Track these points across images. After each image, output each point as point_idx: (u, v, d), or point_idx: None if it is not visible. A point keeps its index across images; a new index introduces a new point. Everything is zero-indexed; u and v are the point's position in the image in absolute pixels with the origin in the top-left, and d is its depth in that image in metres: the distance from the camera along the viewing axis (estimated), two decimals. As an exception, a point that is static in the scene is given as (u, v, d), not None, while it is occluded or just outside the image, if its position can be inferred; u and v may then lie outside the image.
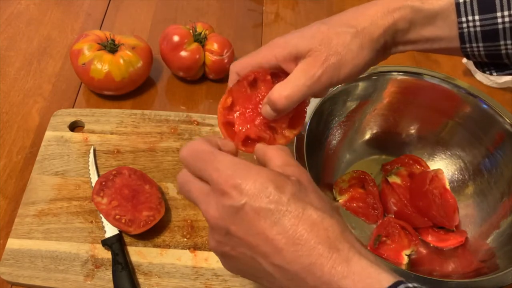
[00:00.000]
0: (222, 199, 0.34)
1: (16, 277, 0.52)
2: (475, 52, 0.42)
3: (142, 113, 0.66)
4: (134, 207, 0.55)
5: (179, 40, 0.69)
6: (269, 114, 0.42)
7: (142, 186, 0.57)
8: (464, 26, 0.40)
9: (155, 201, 0.56)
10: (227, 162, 0.35)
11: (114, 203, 0.55)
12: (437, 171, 0.61)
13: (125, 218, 0.54)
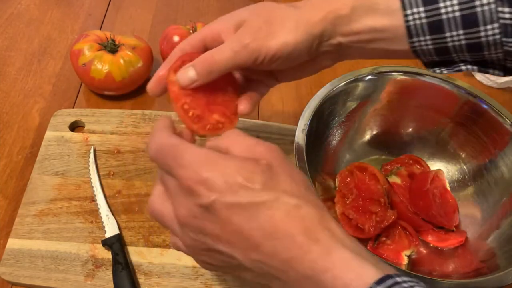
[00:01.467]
0: (191, 198, 0.32)
1: (16, 277, 0.52)
2: (424, 47, 0.41)
3: (143, 113, 0.66)
4: (207, 105, 0.46)
5: (179, 40, 0.69)
6: (188, 77, 0.41)
7: (225, 87, 0.47)
8: (410, 18, 0.40)
9: (231, 109, 0.47)
10: (192, 156, 0.33)
11: (188, 90, 0.45)
12: (438, 171, 0.61)
13: (194, 111, 0.46)
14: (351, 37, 0.43)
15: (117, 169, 0.61)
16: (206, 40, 0.44)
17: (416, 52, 0.42)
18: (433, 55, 0.42)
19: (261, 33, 0.41)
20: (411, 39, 0.41)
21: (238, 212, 0.31)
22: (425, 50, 0.42)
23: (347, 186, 0.59)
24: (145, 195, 0.59)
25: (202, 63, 0.41)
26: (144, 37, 0.77)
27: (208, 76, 0.42)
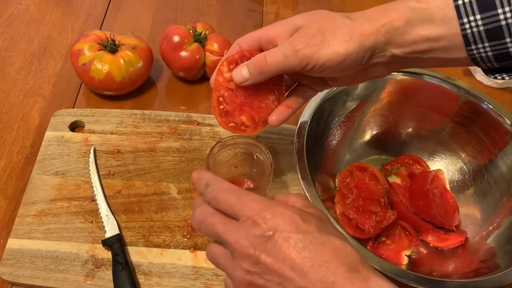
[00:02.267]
0: (253, 229, 0.36)
1: (16, 277, 0.52)
2: (483, 54, 0.41)
3: (142, 113, 0.66)
4: (240, 105, 0.48)
5: (179, 40, 0.69)
6: (242, 75, 0.45)
7: (268, 93, 0.49)
8: (466, 27, 0.40)
9: (262, 116, 0.49)
10: (257, 199, 0.38)
11: (231, 84, 0.48)
12: (438, 171, 0.61)
13: (226, 106, 0.48)
14: (405, 48, 0.43)
15: (117, 169, 0.61)
16: (261, 41, 0.46)
17: (475, 59, 0.42)
18: (493, 62, 0.42)
19: (314, 41, 0.42)
20: (469, 46, 0.41)
21: (293, 243, 0.35)
22: (484, 57, 0.41)
23: (347, 186, 0.59)
24: (145, 195, 0.59)
25: (254, 64, 0.44)
26: (144, 37, 0.77)
27: (259, 77, 0.45)
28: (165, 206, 0.58)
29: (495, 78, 0.43)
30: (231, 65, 0.47)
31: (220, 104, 0.47)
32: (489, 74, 0.44)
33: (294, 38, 0.43)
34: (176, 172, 0.61)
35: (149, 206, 0.58)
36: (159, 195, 0.59)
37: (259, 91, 0.47)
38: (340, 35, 0.42)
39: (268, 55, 0.44)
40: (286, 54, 0.43)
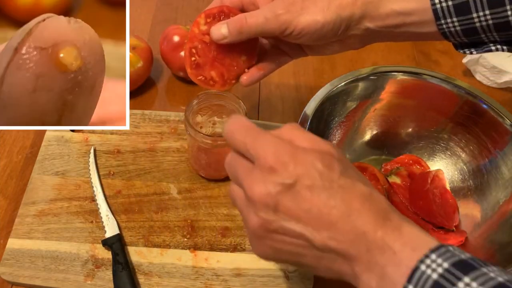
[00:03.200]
0: (270, 176, 0.34)
1: (16, 277, 0.52)
2: (451, 29, 0.43)
3: (142, 113, 0.67)
4: (213, 60, 0.49)
5: (179, 40, 0.69)
6: (220, 32, 0.46)
7: (241, 53, 0.49)
8: (436, 1, 0.42)
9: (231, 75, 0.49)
10: (273, 141, 0.35)
11: (206, 38, 0.48)
12: (438, 171, 0.61)
13: (197, 58, 0.48)
14: (379, 22, 0.45)
15: (117, 169, 0.61)
16: (244, 1, 0.48)
17: (445, 34, 0.44)
18: (462, 36, 0.43)
19: (294, 7, 0.44)
20: (438, 21, 0.43)
21: (318, 193, 0.33)
22: (453, 31, 0.43)
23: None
24: (145, 195, 0.59)
25: (234, 23, 0.45)
26: (144, 37, 0.77)
27: (237, 36, 0.46)
28: (165, 206, 0.58)
29: (465, 52, 0.46)
30: (208, 18, 0.47)
31: (192, 56, 0.48)
32: (459, 49, 0.46)
33: (275, 3, 0.45)
34: (176, 172, 0.61)
35: (149, 206, 0.58)
36: (159, 195, 0.59)
37: (232, 50, 0.48)
38: (320, 4, 0.44)
39: (249, 17, 0.45)
40: (267, 17, 0.44)
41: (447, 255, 0.31)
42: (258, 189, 0.34)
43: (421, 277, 0.31)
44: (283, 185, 0.34)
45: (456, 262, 0.31)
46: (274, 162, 0.34)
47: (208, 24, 0.47)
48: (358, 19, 0.45)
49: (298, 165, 0.34)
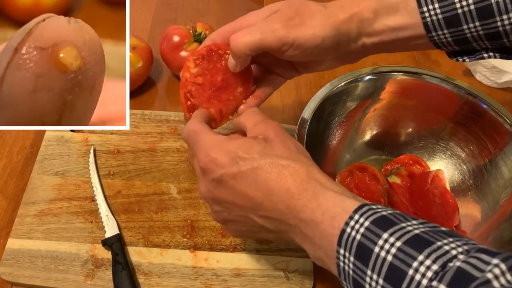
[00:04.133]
0: (206, 175, 0.40)
1: (16, 277, 0.52)
2: (443, 40, 0.43)
3: (142, 113, 0.66)
4: (208, 98, 0.48)
5: (179, 40, 0.69)
6: (231, 65, 0.46)
7: (237, 85, 0.49)
8: (426, 15, 0.42)
9: (229, 109, 0.49)
10: (205, 141, 0.40)
11: (198, 79, 0.48)
12: (438, 171, 0.61)
13: (193, 101, 0.48)
14: (374, 37, 0.45)
15: (117, 169, 0.61)
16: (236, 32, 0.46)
17: (436, 44, 0.44)
18: (454, 46, 0.44)
19: (292, 22, 0.43)
20: (430, 34, 0.43)
21: (241, 180, 0.38)
22: (445, 42, 0.44)
23: (347, 186, 0.59)
24: (145, 195, 0.59)
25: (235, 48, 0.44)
26: (144, 37, 0.77)
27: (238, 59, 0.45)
28: (165, 206, 0.58)
29: (457, 60, 0.46)
30: (197, 60, 0.47)
31: (188, 100, 0.48)
32: (452, 57, 0.47)
33: (272, 19, 0.44)
34: (176, 172, 0.61)
35: (149, 206, 0.58)
36: (159, 195, 0.59)
37: (228, 83, 0.48)
38: (318, 19, 0.43)
39: (245, 35, 0.43)
40: (263, 32, 0.42)
41: (368, 213, 0.34)
42: (202, 189, 0.41)
43: (348, 239, 0.33)
44: (214, 180, 0.39)
45: (377, 219, 0.33)
46: (204, 163, 0.39)
47: (199, 66, 0.47)
48: (355, 35, 0.44)
49: (222, 159, 0.38)
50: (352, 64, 0.78)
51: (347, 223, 0.34)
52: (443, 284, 0.28)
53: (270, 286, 0.52)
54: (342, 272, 0.34)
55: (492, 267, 0.27)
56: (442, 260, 0.29)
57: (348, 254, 0.33)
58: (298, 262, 0.54)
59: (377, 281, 0.31)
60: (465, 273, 0.28)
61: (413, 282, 0.29)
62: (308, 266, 0.53)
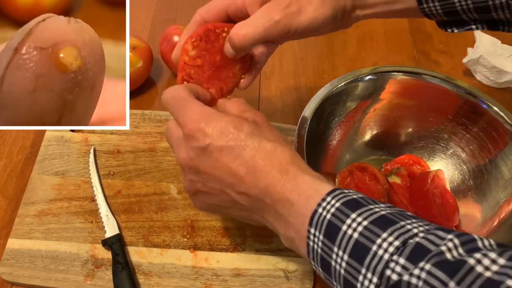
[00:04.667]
0: (189, 142, 0.39)
1: (16, 277, 0.52)
2: (433, 11, 0.46)
3: (142, 113, 0.66)
4: (208, 79, 0.48)
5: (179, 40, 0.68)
6: (229, 52, 0.45)
7: (234, 64, 0.48)
8: None
9: (229, 86, 0.49)
10: (195, 109, 0.40)
11: (197, 61, 0.47)
12: (438, 171, 0.61)
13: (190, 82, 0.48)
14: (367, 10, 0.47)
15: (117, 169, 0.61)
16: (229, 10, 0.46)
17: (427, 15, 0.47)
18: (443, 17, 0.47)
19: (290, 9, 0.43)
20: (421, 5, 0.46)
21: (227, 152, 0.38)
22: (435, 13, 0.46)
23: (347, 186, 0.59)
24: (145, 195, 0.59)
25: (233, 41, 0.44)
26: (144, 37, 0.77)
27: (243, 52, 0.45)
28: (165, 206, 0.58)
29: (446, 30, 0.49)
30: (195, 42, 0.46)
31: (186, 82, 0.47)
32: (441, 27, 0.49)
33: (270, 8, 0.44)
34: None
35: (149, 206, 0.58)
36: (159, 195, 0.59)
37: (226, 61, 0.47)
38: (315, 2, 0.44)
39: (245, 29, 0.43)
40: (264, 25, 0.43)
41: (340, 196, 0.35)
42: (181, 155, 0.41)
43: (319, 219, 0.35)
44: (198, 148, 0.39)
45: (347, 202, 0.35)
46: (191, 129, 0.39)
47: (197, 48, 0.46)
48: (350, 9, 0.46)
49: (211, 129, 0.38)
50: (352, 64, 0.79)
51: (319, 204, 0.35)
52: (402, 258, 0.30)
53: (270, 286, 0.52)
54: (311, 251, 0.36)
55: (447, 241, 0.30)
56: (404, 237, 0.31)
57: (318, 233, 0.35)
58: (298, 262, 0.54)
59: (342, 257, 0.33)
60: (422, 247, 0.30)
61: (376, 257, 0.31)
62: (308, 266, 0.53)
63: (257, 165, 0.38)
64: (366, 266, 0.31)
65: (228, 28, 0.46)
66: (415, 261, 0.29)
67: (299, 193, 0.37)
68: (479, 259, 0.27)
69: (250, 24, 0.43)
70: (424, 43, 0.81)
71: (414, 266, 0.29)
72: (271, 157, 0.38)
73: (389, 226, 0.32)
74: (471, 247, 0.29)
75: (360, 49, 0.80)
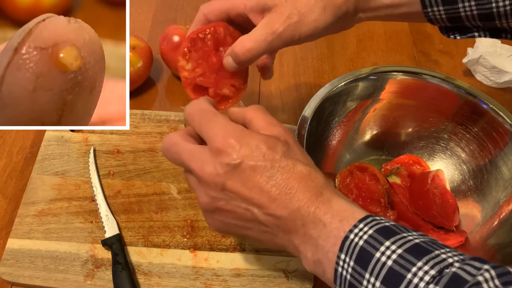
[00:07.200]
0: (219, 157, 0.38)
1: (16, 277, 0.52)
2: (437, 15, 0.46)
3: (142, 113, 0.66)
4: (217, 80, 0.48)
5: (179, 40, 0.69)
6: (230, 66, 0.46)
7: None
8: None
9: (242, 78, 0.49)
10: (224, 124, 0.39)
11: (198, 71, 0.47)
12: (438, 171, 0.61)
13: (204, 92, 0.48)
14: (370, 13, 0.47)
15: (117, 169, 0.61)
16: (231, 13, 0.47)
17: (430, 20, 0.47)
18: (446, 22, 0.47)
19: (292, 20, 0.44)
20: (425, 9, 0.45)
21: (261, 172, 0.37)
22: (438, 18, 0.46)
23: (347, 186, 0.59)
24: (145, 195, 0.59)
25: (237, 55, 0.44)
26: (144, 37, 0.77)
27: (247, 64, 0.46)
28: (165, 206, 0.58)
29: (449, 36, 0.49)
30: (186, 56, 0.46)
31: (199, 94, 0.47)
32: (444, 32, 0.49)
33: (272, 21, 0.44)
34: (176, 172, 0.61)
35: (149, 206, 0.58)
36: (159, 195, 0.59)
37: None
38: (316, 9, 0.44)
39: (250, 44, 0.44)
40: (268, 39, 0.44)
41: (372, 223, 0.35)
42: (208, 170, 0.38)
43: (350, 245, 0.34)
44: (229, 165, 0.37)
45: (380, 229, 0.34)
46: (222, 145, 0.38)
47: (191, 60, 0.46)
48: (352, 13, 0.46)
49: (244, 147, 0.37)
50: (352, 64, 0.79)
51: (351, 231, 0.35)
52: (439, 287, 0.30)
53: (270, 286, 0.52)
54: (338, 277, 0.35)
55: (483, 271, 0.29)
56: (439, 267, 0.31)
57: (348, 259, 0.34)
58: (298, 262, 0.54)
59: (374, 284, 0.32)
60: (459, 277, 0.30)
61: (411, 285, 0.31)
62: (308, 266, 0.53)
63: (292, 187, 0.37)
64: None
65: (209, 29, 0.46)
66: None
67: (333, 215, 0.36)
68: None
69: (254, 38, 0.44)
70: (424, 43, 0.81)
71: None
72: (306, 180, 0.37)
73: (424, 255, 0.32)
74: (508, 280, 0.29)
75: (360, 49, 0.80)
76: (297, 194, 0.37)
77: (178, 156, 0.40)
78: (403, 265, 0.32)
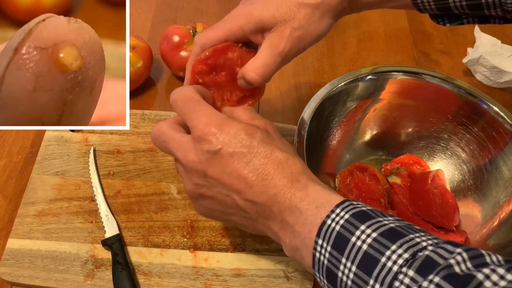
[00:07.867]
0: (200, 144, 0.39)
1: (16, 277, 0.52)
2: (426, 6, 0.47)
3: (142, 113, 0.66)
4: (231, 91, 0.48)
5: (179, 40, 0.69)
6: (245, 87, 0.46)
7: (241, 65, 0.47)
8: None
9: None
10: (206, 113, 0.40)
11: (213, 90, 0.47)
12: (438, 171, 0.61)
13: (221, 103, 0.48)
14: (364, 7, 0.49)
15: (116, 169, 0.61)
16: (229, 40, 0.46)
17: (420, 10, 0.49)
18: (436, 11, 0.48)
19: (295, 34, 0.44)
20: (415, 1, 0.47)
21: (238, 158, 0.38)
22: (428, 8, 0.48)
23: (347, 186, 0.59)
24: (144, 195, 0.59)
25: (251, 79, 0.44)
26: (144, 37, 0.77)
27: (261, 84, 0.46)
28: (165, 206, 0.58)
29: (438, 23, 0.50)
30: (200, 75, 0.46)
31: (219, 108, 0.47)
32: (433, 19, 0.50)
33: (276, 42, 0.44)
34: (176, 172, 0.61)
35: (149, 206, 0.58)
36: (159, 195, 0.59)
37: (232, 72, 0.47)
38: (314, 18, 0.45)
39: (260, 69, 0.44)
40: (277, 61, 0.44)
41: (349, 207, 0.35)
42: (190, 158, 0.40)
43: (327, 230, 0.35)
44: (209, 152, 0.38)
45: (356, 213, 0.35)
46: (203, 132, 0.39)
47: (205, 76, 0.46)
48: (348, 10, 0.48)
49: (223, 134, 0.38)
50: (352, 64, 0.79)
51: (328, 216, 0.35)
52: (412, 270, 0.30)
53: (270, 286, 0.52)
54: (316, 262, 0.36)
55: (455, 254, 0.30)
56: (413, 250, 0.31)
57: (325, 245, 0.35)
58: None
59: (350, 268, 0.33)
60: (431, 260, 0.30)
61: (385, 268, 0.31)
62: (308, 266, 0.53)
63: (268, 173, 0.38)
64: (374, 278, 0.32)
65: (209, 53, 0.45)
66: (424, 273, 0.30)
67: (309, 202, 0.37)
68: (487, 275, 0.28)
69: (263, 63, 0.44)
70: (424, 43, 0.81)
71: (423, 279, 0.29)
72: (283, 166, 0.38)
73: (398, 238, 0.32)
74: (480, 262, 0.29)
75: (360, 49, 0.80)
76: (273, 180, 0.38)
77: (165, 145, 0.42)
78: (377, 248, 0.32)
